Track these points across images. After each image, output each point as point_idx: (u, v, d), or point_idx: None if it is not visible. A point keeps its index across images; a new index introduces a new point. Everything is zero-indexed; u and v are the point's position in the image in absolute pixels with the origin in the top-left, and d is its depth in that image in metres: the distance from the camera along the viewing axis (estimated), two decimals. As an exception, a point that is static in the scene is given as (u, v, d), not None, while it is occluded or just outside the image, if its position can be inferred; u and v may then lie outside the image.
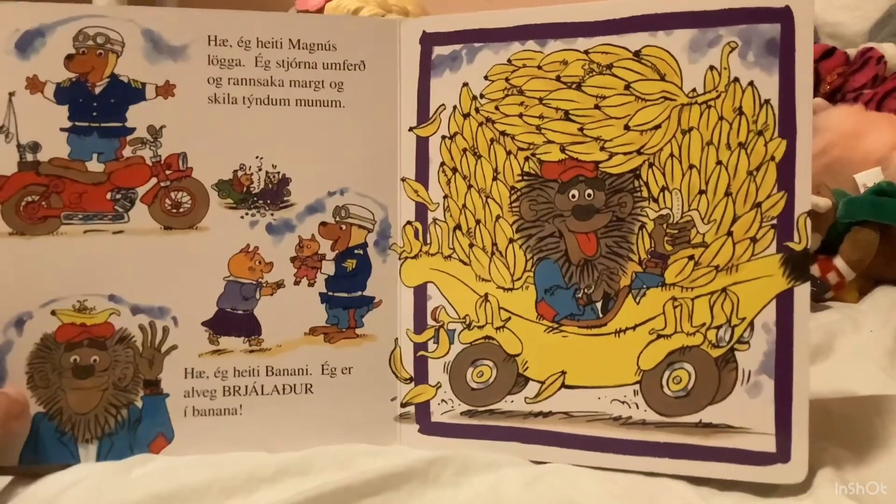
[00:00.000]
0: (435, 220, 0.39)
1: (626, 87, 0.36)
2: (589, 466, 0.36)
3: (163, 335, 0.38)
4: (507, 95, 0.38)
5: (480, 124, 0.38)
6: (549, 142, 0.37)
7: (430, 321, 0.39)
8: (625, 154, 0.36)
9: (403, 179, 0.39)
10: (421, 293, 0.39)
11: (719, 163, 0.35)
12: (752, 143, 0.35)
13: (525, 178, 0.38)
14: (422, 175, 0.39)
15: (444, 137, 0.39)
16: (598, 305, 0.37)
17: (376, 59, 0.39)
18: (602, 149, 0.37)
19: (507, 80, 0.38)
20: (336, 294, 0.39)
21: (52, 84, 0.37)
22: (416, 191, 0.39)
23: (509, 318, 0.38)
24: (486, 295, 0.38)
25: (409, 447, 0.38)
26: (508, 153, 0.38)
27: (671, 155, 0.36)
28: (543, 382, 0.37)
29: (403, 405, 0.39)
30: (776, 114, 0.34)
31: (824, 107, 0.75)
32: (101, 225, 0.37)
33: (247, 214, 0.38)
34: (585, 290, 0.37)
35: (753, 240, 0.35)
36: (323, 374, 0.39)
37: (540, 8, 0.37)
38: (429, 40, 0.39)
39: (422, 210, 0.39)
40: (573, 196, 0.37)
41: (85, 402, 0.37)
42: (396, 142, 0.39)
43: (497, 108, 0.38)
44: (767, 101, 0.34)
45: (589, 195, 0.37)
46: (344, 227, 0.39)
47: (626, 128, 0.36)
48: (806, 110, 0.34)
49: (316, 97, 0.39)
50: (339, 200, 0.39)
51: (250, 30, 0.38)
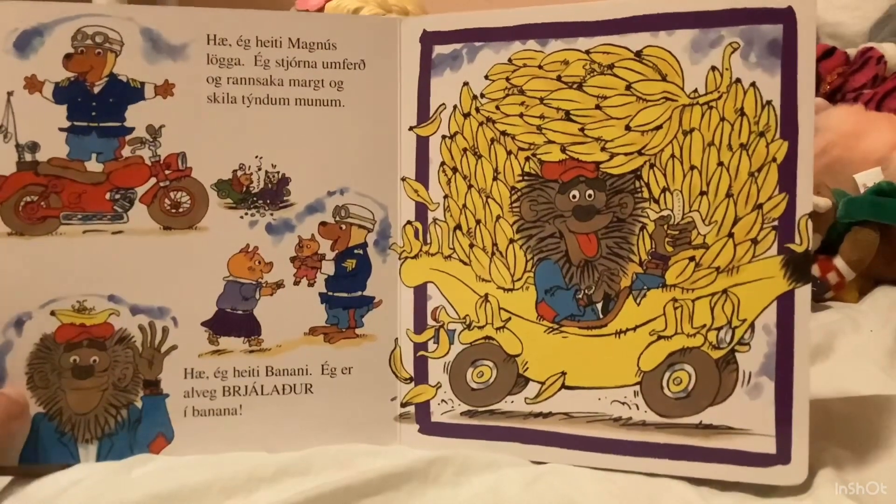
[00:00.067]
0: (435, 219, 0.39)
1: (628, 87, 0.36)
2: (589, 467, 0.36)
3: (162, 335, 0.38)
4: (507, 95, 0.38)
5: (481, 124, 0.38)
6: (550, 142, 0.37)
7: (430, 321, 0.39)
8: (626, 155, 0.36)
9: (403, 179, 0.39)
10: (421, 293, 0.39)
11: (720, 164, 0.35)
12: (753, 144, 0.35)
13: (525, 178, 0.38)
14: (422, 175, 0.39)
15: (444, 137, 0.39)
16: (599, 306, 0.37)
17: (376, 58, 0.39)
18: (603, 149, 0.36)
19: (507, 79, 0.38)
20: (336, 294, 0.39)
21: (51, 83, 0.37)
22: (416, 190, 0.39)
23: (509, 319, 0.38)
24: (487, 295, 0.38)
25: (409, 447, 0.38)
26: (509, 153, 0.38)
27: (672, 156, 0.36)
28: (543, 383, 0.37)
29: (403, 405, 0.39)
30: (778, 115, 0.34)
31: (824, 107, 0.75)
32: (101, 225, 0.37)
33: (246, 214, 0.38)
34: (586, 291, 0.37)
35: (754, 241, 0.35)
36: (323, 374, 0.39)
37: (541, 7, 0.37)
38: (429, 39, 0.39)
39: (422, 210, 0.39)
40: (574, 196, 0.37)
41: (85, 402, 0.37)
42: (396, 141, 0.39)
43: (498, 107, 0.38)
44: (769, 103, 0.34)
45: (590, 196, 0.37)
46: (344, 226, 0.39)
47: (628, 128, 0.36)
48: (808, 112, 0.34)
49: (316, 96, 0.39)
50: (338, 200, 0.39)
51: (250, 29, 0.38)
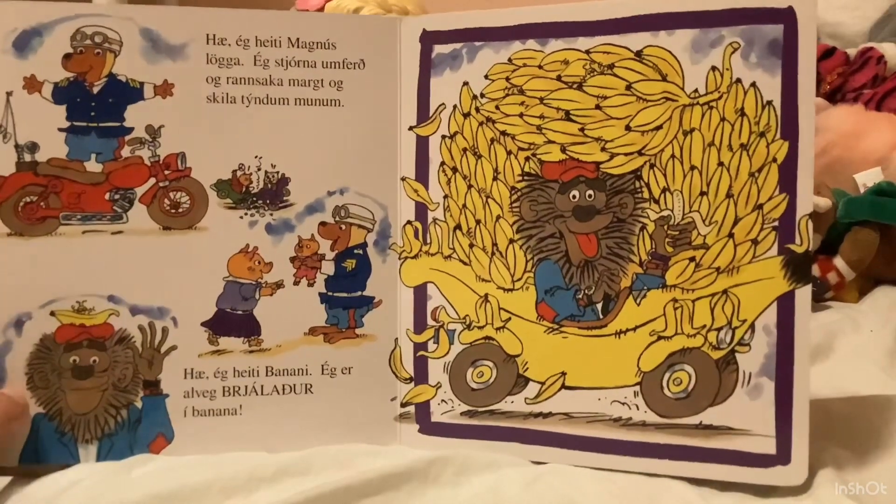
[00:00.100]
0: (435, 219, 0.39)
1: (628, 87, 0.36)
2: (589, 467, 0.36)
3: (162, 335, 0.38)
4: (507, 95, 0.38)
5: (481, 124, 0.38)
6: (550, 142, 0.37)
7: (430, 321, 0.39)
8: (626, 155, 0.36)
9: (403, 179, 0.39)
10: (421, 293, 0.39)
11: (721, 164, 0.35)
12: (753, 144, 0.35)
13: (525, 178, 0.37)
14: (422, 175, 0.39)
15: (444, 137, 0.39)
16: (599, 306, 0.37)
17: (376, 57, 0.39)
18: (603, 149, 0.36)
19: (507, 79, 0.38)
20: (336, 294, 0.39)
21: (50, 84, 0.37)
22: (416, 190, 0.39)
23: (509, 319, 0.38)
24: (487, 295, 0.38)
25: (409, 447, 0.38)
26: (509, 153, 0.38)
27: (672, 156, 0.36)
28: (543, 383, 0.37)
29: (403, 405, 0.39)
30: (778, 115, 0.34)
31: (824, 107, 0.75)
32: (100, 225, 0.37)
33: (246, 214, 0.38)
34: (586, 291, 0.37)
35: (755, 242, 0.35)
36: (323, 374, 0.39)
37: (541, 7, 0.37)
38: (429, 39, 0.39)
39: (422, 210, 0.39)
40: (574, 197, 0.37)
41: (85, 402, 0.37)
42: (396, 141, 0.39)
43: (497, 107, 0.38)
44: (770, 103, 0.34)
45: (590, 196, 0.37)
46: (343, 226, 0.39)
47: (628, 128, 0.36)
48: (808, 112, 0.34)
49: (315, 96, 0.39)
50: (338, 200, 0.39)
51: (249, 28, 0.38)
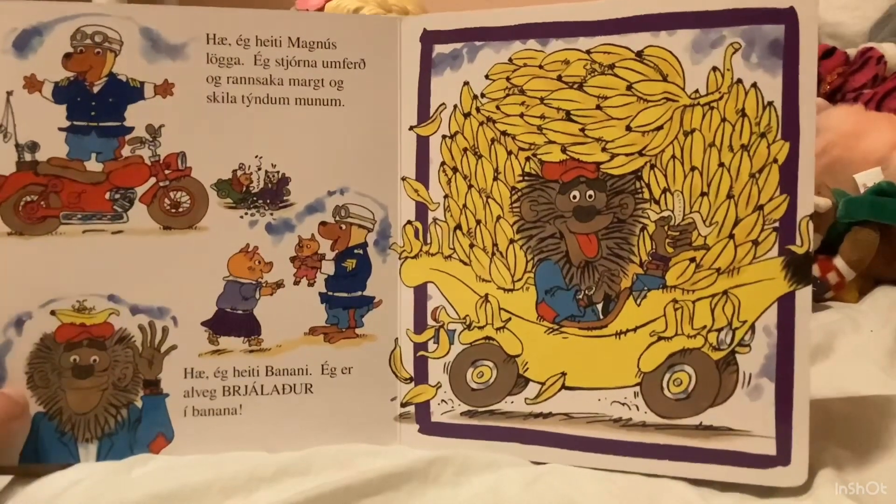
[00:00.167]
0: (435, 219, 0.39)
1: (628, 87, 0.36)
2: (589, 467, 0.36)
3: (162, 335, 0.38)
4: (508, 95, 0.38)
5: (481, 124, 0.38)
6: (551, 142, 0.37)
7: (431, 321, 0.39)
8: (626, 155, 0.36)
9: (404, 179, 0.39)
10: (421, 293, 0.39)
11: (721, 165, 0.35)
12: (754, 145, 0.35)
13: (526, 178, 0.37)
14: (422, 174, 0.39)
15: (444, 137, 0.38)
16: (599, 307, 0.37)
17: (376, 57, 0.39)
18: (603, 150, 0.36)
19: (508, 79, 0.38)
20: (336, 294, 0.39)
21: (51, 83, 0.37)
22: (416, 190, 0.39)
23: (509, 319, 0.38)
24: (487, 295, 0.38)
25: (409, 447, 0.38)
26: (509, 153, 0.38)
27: (673, 156, 0.36)
28: (544, 383, 0.37)
29: (403, 405, 0.39)
30: (779, 116, 0.34)
31: (824, 107, 0.75)
32: (100, 225, 0.37)
33: (246, 214, 0.38)
34: (586, 292, 0.37)
35: (755, 242, 0.35)
36: (323, 374, 0.39)
37: (542, 7, 0.37)
38: (429, 38, 0.39)
39: (422, 210, 0.39)
40: (574, 197, 0.37)
41: (85, 401, 0.37)
42: (397, 141, 0.39)
43: (498, 107, 0.38)
44: (770, 103, 0.34)
45: (590, 196, 0.37)
46: (344, 226, 0.39)
47: (628, 129, 0.36)
48: (809, 113, 0.34)
49: (316, 96, 0.39)
50: (338, 200, 0.39)
51: (249, 28, 0.38)
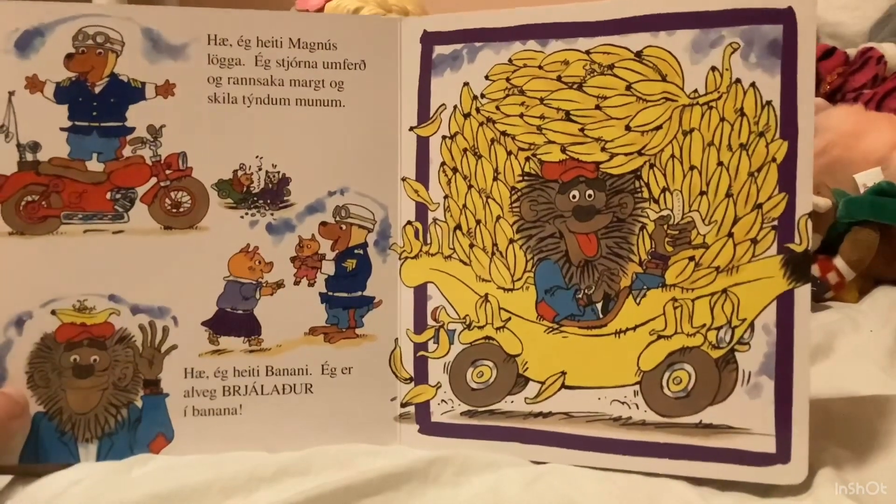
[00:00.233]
0: (435, 220, 0.39)
1: (628, 87, 0.36)
2: (589, 467, 0.36)
3: (163, 335, 0.38)
4: (507, 95, 0.38)
5: (481, 124, 0.38)
6: (550, 142, 0.37)
7: (430, 321, 0.39)
8: (626, 155, 0.36)
9: (404, 179, 0.39)
10: (421, 293, 0.39)
11: (720, 164, 0.35)
12: (753, 144, 0.35)
13: (525, 178, 0.38)
14: (422, 175, 0.39)
15: (444, 137, 0.39)
16: (599, 306, 0.37)
17: (377, 58, 0.39)
18: (603, 149, 0.36)
19: (507, 79, 0.38)
20: (336, 294, 0.39)
21: (52, 83, 0.37)
22: (416, 191, 0.39)
23: (509, 319, 0.38)
24: (487, 295, 0.38)
25: (409, 447, 0.38)
26: (509, 153, 0.38)
27: (672, 156, 0.36)
28: (543, 383, 0.37)
29: (403, 405, 0.39)
30: (778, 115, 0.34)
31: (824, 107, 0.75)
32: (101, 224, 0.37)
33: (247, 214, 0.38)
34: (586, 291, 0.37)
35: (754, 241, 0.35)
36: (323, 373, 0.39)
37: (541, 7, 0.37)
38: (429, 39, 0.39)
39: (422, 210, 0.39)
40: (574, 196, 0.37)
41: (85, 401, 0.37)
42: (397, 141, 0.39)
43: (498, 107, 0.38)
44: (769, 103, 0.34)
45: (589, 196, 0.37)
46: (344, 226, 0.39)
47: (627, 128, 0.36)
48: (808, 112, 0.34)
49: (316, 96, 0.39)
50: (339, 200, 0.39)
51: (250, 29, 0.38)
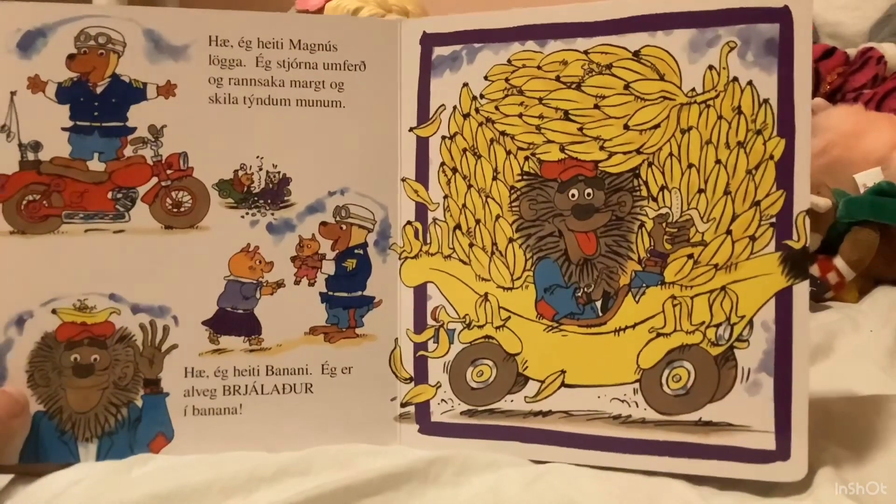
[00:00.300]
0: (435, 219, 0.39)
1: (626, 86, 0.36)
2: (589, 466, 0.36)
3: (163, 334, 0.38)
4: (507, 95, 0.38)
5: (480, 124, 0.38)
6: (549, 141, 0.37)
7: (430, 321, 0.39)
8: (624, 153, 0.36)
9: (403, 179, 0.39)
10: (421, 293, 0.39)
11: (718, 162, 0.35)
12: (750, 142, 0.35)
13: (525, 177, 0.38)
14: (422, 175, 0.39)
15: (444, 137, 0.39)
16: (598, 304, 0.37)
17: (377, 59, 0.39)
18: (601, 148, 0.37)
19: (506, 80, 0.38)
20: (336, 294, 0.39)
21: (54, 84, 0.37)
22: (416, 191, 0.39)
23: (509, 318, 0.38)
24: (486, 294, 0.38)
25: (409, 447, 0.38)
26: (508, 153, 0.38)
27: (670, 154, 0.36)
28: (543, 381, 0.37)
29: (403, 405, 0.39)
30: (775, 113, 0.34)
31: (824, 107, 0.75)
32: (102, 224, 0.38)
33: (247, 214, 0.39)
34: (585, 289, 0.37)
35: (752, 238, 0.35)
36: (323, 373, 0.39)
37: (540, 8, 0.37)
38: (429, 41, 0.39)
39: (422, 210, 0.39)
40: (573, 195, 0.37)
41: (85, 400, 0.37)
42: (397, 142, 0.39)
43: (497, 108, 0.38)
44: (766, 101, 0.35)
45: (588, 194, 0.37)
46: (344, 226, 0.39)
47: (626, 127, 0.36)
48: (805, 110, 0.34)
49: (316, 97, 0.39)
50: (339, 200, 0.39)
51: (251, 30, 0.38)
